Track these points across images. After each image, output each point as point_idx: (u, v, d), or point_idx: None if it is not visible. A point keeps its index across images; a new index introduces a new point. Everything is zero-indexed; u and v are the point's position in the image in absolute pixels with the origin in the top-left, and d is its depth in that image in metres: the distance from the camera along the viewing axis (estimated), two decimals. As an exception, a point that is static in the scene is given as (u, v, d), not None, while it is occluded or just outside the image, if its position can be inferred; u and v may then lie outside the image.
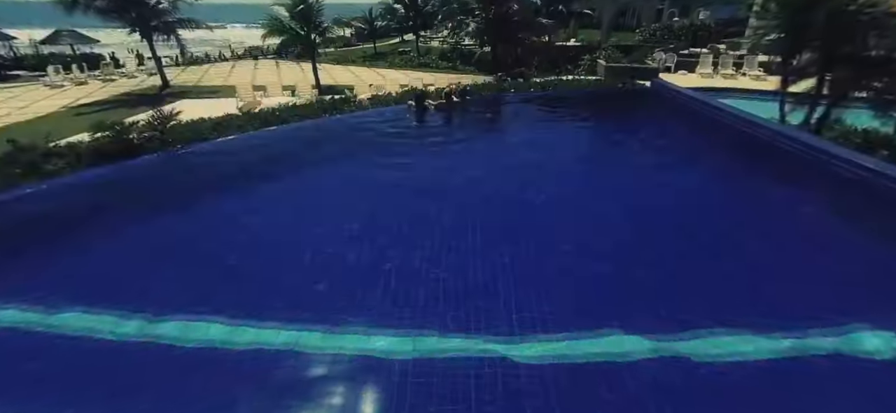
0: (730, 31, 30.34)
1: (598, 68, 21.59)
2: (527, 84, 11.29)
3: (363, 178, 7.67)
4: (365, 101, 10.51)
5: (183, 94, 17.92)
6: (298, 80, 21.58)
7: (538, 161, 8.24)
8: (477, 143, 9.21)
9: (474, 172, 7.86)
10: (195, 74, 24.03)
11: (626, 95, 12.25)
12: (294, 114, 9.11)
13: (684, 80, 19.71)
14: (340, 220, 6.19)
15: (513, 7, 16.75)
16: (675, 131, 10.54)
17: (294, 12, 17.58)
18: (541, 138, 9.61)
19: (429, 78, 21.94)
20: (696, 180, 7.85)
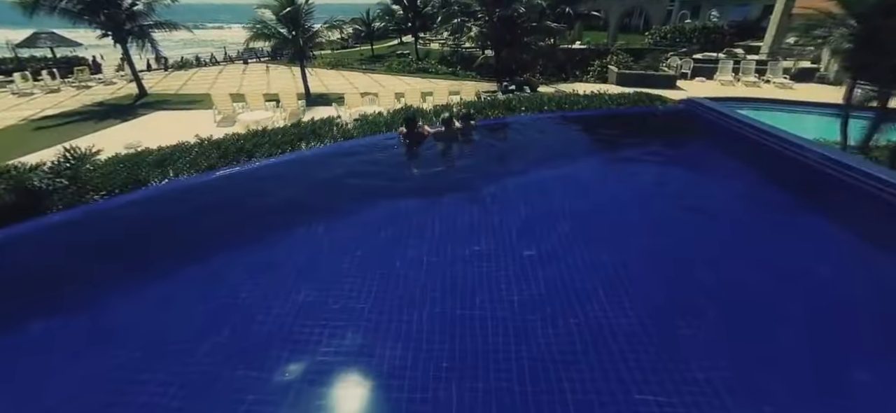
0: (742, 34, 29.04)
1: (608, 75, 20.17)
2: (538, 100, 9.70)
3: (326, 264, 5.22)
4: (350, 123, 8.96)
5: (160, 104, 16.48)
6: (288, 86, 20.18)
7: (570, 221, 5.95)
8: (485, 189, 6.85)
9: (483, 241, 5.43)
10: (179, 80, 22.59)
11: (656, 117, 10.30)
12: (264, 142, 7.54)
13: (703, 88, 18.28)
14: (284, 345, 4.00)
15: (519, 9, 15.24)
16: (729, 169, 8.23)
17: (281, 15, 16.14)
18: (566, 182, 7.31)
19: (427, 85, 20.52)
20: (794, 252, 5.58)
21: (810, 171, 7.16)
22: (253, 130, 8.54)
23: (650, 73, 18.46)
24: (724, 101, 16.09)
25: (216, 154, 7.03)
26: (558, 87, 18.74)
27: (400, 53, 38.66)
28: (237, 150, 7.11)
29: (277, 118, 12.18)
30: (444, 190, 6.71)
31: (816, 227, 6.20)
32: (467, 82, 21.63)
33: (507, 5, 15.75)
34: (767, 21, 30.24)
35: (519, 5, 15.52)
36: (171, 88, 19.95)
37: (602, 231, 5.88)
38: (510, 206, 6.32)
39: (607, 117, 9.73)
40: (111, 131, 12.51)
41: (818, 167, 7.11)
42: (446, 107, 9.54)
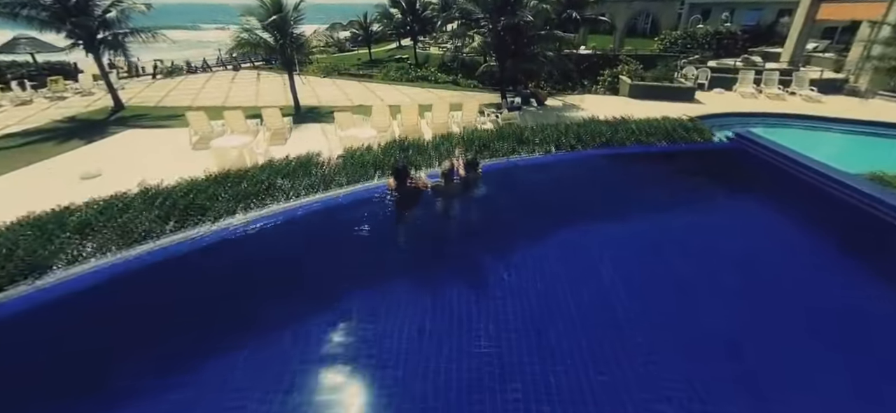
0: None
1: (620, 86, 18.85)
2: (554, 132, 8.32)
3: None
4: (335, 157, 7.61)
5: (135, 120, 15.17)
6: (277, 97, 18.87)
7: (600, 310, 4.50)
8: (497, 265, 5.31)
9: (494, 341, 4.01)
10: (162, 90, 21.26)
11: (700, 156, 8.44)
12: (225, 193, 6.17)
13: (722, 100, 16.98)
14: None
15: (525, 17, 13.91)
16: (794, 227, 6.53)
17: (266, 23, 14.82)
18: (594, 251, 5.63)
19: (426, 96, 19.21)
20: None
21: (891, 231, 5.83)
22: (215, 174, 7.09)
23: (666, 86, 17.15)
24: (748, 116, 14.88)
25: (158, 212, 5.64)
26: (566, 100, 17.45)
27: (398, 58, 37.31)
28: (186, 205, 5.75)
29: (258, 142, 10.88)
30: (445, 270, 5.18)
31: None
32: (469, 92, 20.34)
33: (513, 13, 14.41)
34: (782, 25, 28.98)
35: (525, 13, 14.15)
36: (151, 100, 18.63)
37: (643, 319, 4.58)
38: (527, 287, 4.91)
39: (640, 158, 8.09)
40: (73, 155, 11.21)
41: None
42: (447, 154, 7.70)
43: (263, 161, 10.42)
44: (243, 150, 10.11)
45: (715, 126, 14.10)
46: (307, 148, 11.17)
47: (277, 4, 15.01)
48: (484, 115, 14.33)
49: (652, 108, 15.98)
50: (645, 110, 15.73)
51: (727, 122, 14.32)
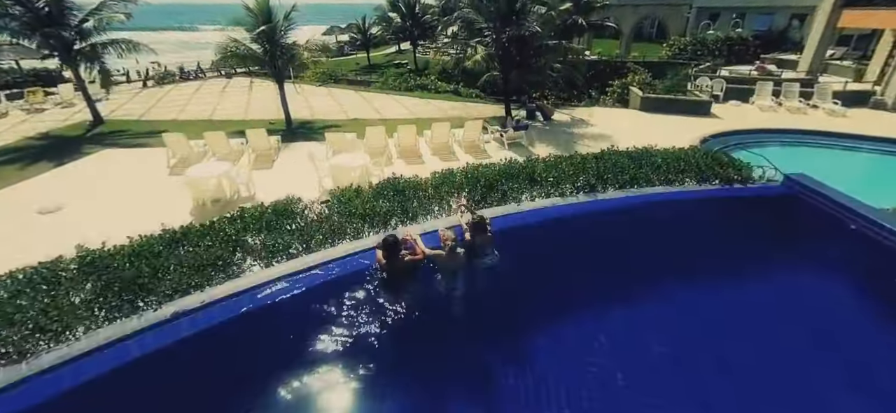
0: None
1: (630, 97, 17.85)
2: (568, 168, 7.26)
3: None
4: (320, 201, 6.57)
5: (114, 137, 14.17)
6: (268, 109, 17.86)
7: None
8: (519, 381, 4.06)
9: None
10: (149, 100, 20.27)
11: (745, 206, 7.16)
12: (181, 262, 5.04)
13: (739, 114, 15.97)
14: None
15: (532, 28, 12.90)
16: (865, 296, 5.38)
17: (255, 34, 13.81)
18: (626, 336, 4.66)
19: (426, 107, 18.20)
20: None
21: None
22: (172, 230, 5.91)
23: (680, 99, 16.14)
24: (771, 133, 13.86)
25: (83, 295, 4.56)
26: (574, 113, 16.43)
27: (397, 64, 36.34)
28: (127, 282, 4.66)
29: (241, 168, 9.86)
30: (447, 379, 4.11)
31: None
32: (470, 103, 19.35)
33: (519, 23, 13.40)
34: (795, 30, 27.96)
35: (532, 23, 13.13)
36: (135, 113, 17.63)
37: None
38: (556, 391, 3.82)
39: (672, 207, 6.85)
40: (36, 182, 10.21)
41: None
42: (448, 195, 6.41)
43: (245, 191, 9.55)
44: (222, 180, 9.10)
45: (736, 144, 13.16)
46: (293, 175, 10.24)
47: (267, 13, 14.02)
48: (487, 131, 13.34)
49: (666, 123, 15.00)
50: (659, 125, 14.79)
51: (748, 140, 13.34)
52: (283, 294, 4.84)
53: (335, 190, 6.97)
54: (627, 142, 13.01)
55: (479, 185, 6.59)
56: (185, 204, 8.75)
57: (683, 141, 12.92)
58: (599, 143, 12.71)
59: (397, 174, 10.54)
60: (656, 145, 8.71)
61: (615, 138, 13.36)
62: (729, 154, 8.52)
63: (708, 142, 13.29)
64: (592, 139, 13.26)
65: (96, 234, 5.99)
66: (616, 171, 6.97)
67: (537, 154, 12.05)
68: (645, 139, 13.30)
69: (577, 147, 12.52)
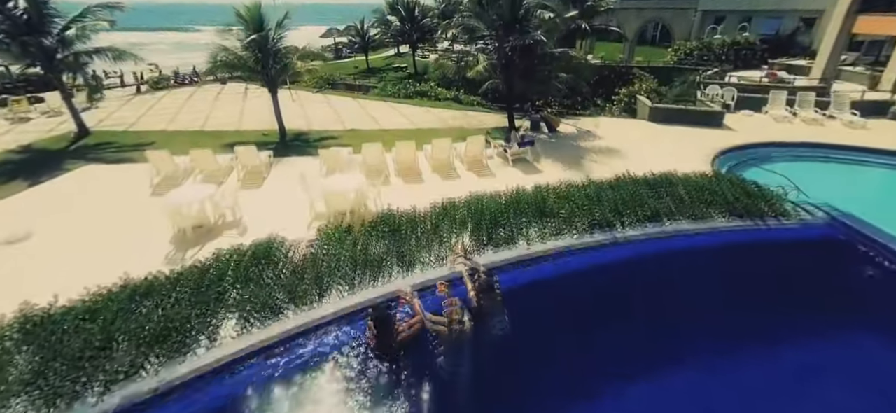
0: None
1: (638, 107, 17.18)
2: (580, 196, 6.55)
3: None
4: (306, 241, 5.85)
5: (99, 151, 13.52)
6: (262, 119, 17.17)
7: None
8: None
9: None
10: (139, 108, 19.61)
11: (782, 251, 6.25)
12: (138, 327, 4.25)
13: (753, 125, 15.30)
14: None
15: (537, 37, 12.26)
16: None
17: (246, 43, 13.14)
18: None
19: (425, 116, 17.47)
20: None
21: None
22: (133, 282, 5.19)
23: (691, 109, 15.47)
24: (788, 147, 13.20)
25: (20, 370, 3.82)
26: (579, 124, 15.76)
27: (397, 67, 35.69)
28: (72, 357, 3.92)
29: (226, 190, 9.18)
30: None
31: None
32: (472, 112, 18.69)
33: (523, 32, 12.74)
34: (805, 35, 27.27)
35: (536, 31, 12.48)
36: (123, 122, 16.96)
37: None
38: None
39: (700, 248, 6.00)
40: (6, 204, 9.55)
41: None
42: (448, 233, 5.67)
43: (231, 216, 8.88)
44: (206, 205, 8.44)
45: (753, 159, 12.52)
46: (284, 197, 9.56)
47: (259, 22, 13.36)
48: (490, 145, 12.67)
49: (677, 135, 14.34)
50: (670, 137, 14.13)
51: (766, 154, 12.70)
52: (260, 372, 4.10)
53: (325, 225, 6.26)
54: (638, 156, 12.41)
55: (484, 221, 5.91)
56: (164, 231, 8.09)
57: (697, 155, 12.34)
58: (609, 160, 12.07)
59: (396, 192, 10.00)
60: (676, 171, 7.96)
61: (625, 152, 12.71)
62: (758, 183, 7.67)
63: (723, 156, 12.67)
64: (602, 155, 12.59)
65: (55, 278, 5.34)
66: (635, 204, 6.27)
67: (543, 171, 11.41)
68: (656, 153, 12.72)
69: (586, 163, 11.87)
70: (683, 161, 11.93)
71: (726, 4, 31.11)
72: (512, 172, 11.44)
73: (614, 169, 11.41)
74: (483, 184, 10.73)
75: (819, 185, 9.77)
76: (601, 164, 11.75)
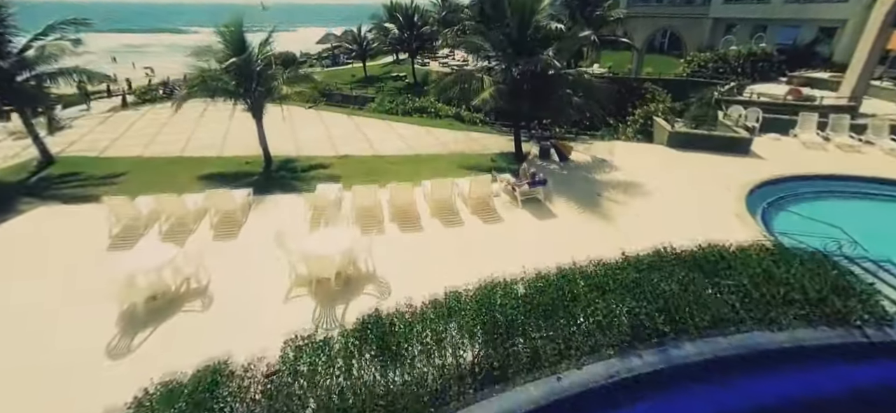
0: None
1: (655, 130, 15.86)
2: (620, 294, 5.11)
3: None
4: (261, 383, 4.37)
5: (60, 184, 12.20)
6: (248, 143, 15.78)
7: None
8: None
9: None
10: (118, 127, 18.28)
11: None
12: None
13: (782, 151, 13.98)
14: None
15: (551, 62, 10.97)
16: None
17: (226, 67, 11.80)
18: None
19: (425, 139, 16.01)
20: None
21: None
22: None
23: (716, 135, 14.13)
24: (827, 180, 11.87)
25: None
26: (592, 150, 14.39)
27: (395, 76, 34.40)
28: None
29: (190, 254, 7.83)
30: None
31: None
32: (475, 133, 17.35)
33: (532, 53, 11.44)
34: (825, 45, 25.90)
35: (547, 52, 11.16)
36: (96, 146, 15.61)
37: None
38: None
39: (785, 380, 4.40)
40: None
41: None
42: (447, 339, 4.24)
43: (195, 281, 7.55)
44: (163, 275, 7.11)
45: (791, 196, 11.21)
46: (261, 253, 8.20)
47: (240, 43, 12.02)
48: (496, 181, 11.34)
49: (701, 165, 13.03)
50: (692, 167, 12.81)
51: (803, 190, 11.38)
52: None
53: (293, 338, 4.89)
54: (662, 194, 11.05)
55: (499, 330, 4.57)
56: (110, 309, 6.75)
57: (727, 192, 11.02)
58: (631, 199, 10.74)
59: (391, 244, 8.67)
60: (726, 242, 6.41)
61: (647, 188, 11.38)
62: (837, 263, 6.08)
63: (758, 191, 11.36)
64: (621, 192, 11.25)
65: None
66: (694, 305, 4.83)
67: (557, 215, 10.10)
68: (681, 189, 11.36)
69: (605, 205, 10.54)
70: (712, 199, 10.66)
71: (739, 12, 29.81)
72: (521, 216, 10.13)
73: (638, 213, 10.10)
74: (489, 233, 9.46)
75: (878, 236, 8.49)
76: (622, 206, 10.42)
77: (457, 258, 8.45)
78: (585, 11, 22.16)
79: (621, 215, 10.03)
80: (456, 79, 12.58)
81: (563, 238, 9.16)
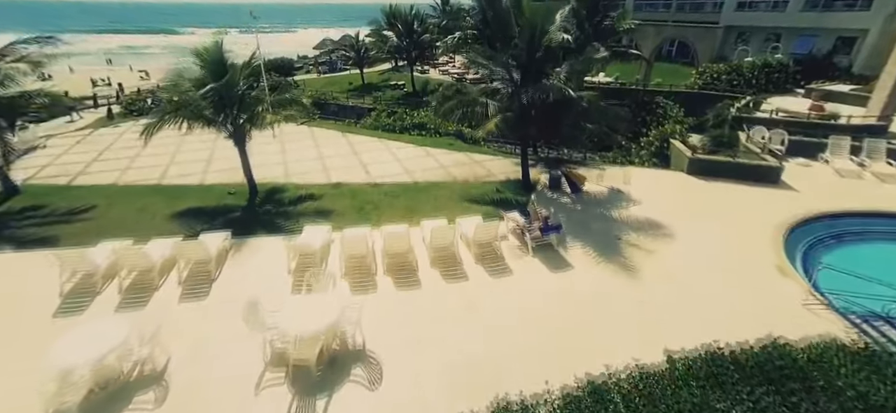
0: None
1: (672, 154, 14.69)
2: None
3: None
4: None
5: (19, 221, 11.04)
6: (231, 170, 14.59)
7: None
8: None
9: None
10: (94, 147, 17.10)
11: None
12: None
13: (815, 180, 12.82)
14: None
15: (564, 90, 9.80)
16: None
17: (204, 95, 10.57)
18: None
19: (424, 162, 14.67)
20: None
21: None
22: None
23: (741, 163, 12.92)
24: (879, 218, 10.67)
25: None
26: (606, 177, 13.15)
27: (394, 84, 33.21)
28: None
29: (145, 335, 6.63)
30: None
31: None
32: (477, 155, 16.13)
33: (542, 75, 10.28)
34: (844, 56, 24.68)
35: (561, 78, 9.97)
36: (68, 172, 14.40)
37: None
38: None
39: None
40: None
41: None
42: None
43: (149, 365, 6.36)
44: (110, 358, 5.92)
45: (833, 235, 10.05)
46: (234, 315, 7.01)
47: (220, 67, 10.84)
48: (504, 221, 10.16)
49: (728, 197, 11.88)
50: (719, 200, 11.63)
51: (848, 230, 10.21)
52: None
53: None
54: (690, 237, 9.78)
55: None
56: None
57: (761, 233, 9.86)
58: (656, 244, 9.56)
59: (384, 304, 7.49)
60: (793, 340, 5.18)
61: (672, 229, 10.21)
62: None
63: (798, 230, 10.20)
64: (644, 235, 10.07)
65: None
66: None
67: (574, 266, 8.92)
68: (709, 231, 10.12)
69: (627, 252, 9.37)
70: (748, 245, 9.48)
71: (751, 20, 28.62)
72: (532, 266, 8.96)
73: (665, 262, 8.91)
74: (497, 288, 8.29)
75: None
76: (646, 255, 9.24)
77: (461, 324, 7.30)
78: (594, 21, 20.94)
79: (646, 266, 8.85)
80: (458, 103, 11.38)
81: (582, 297, 8.00)
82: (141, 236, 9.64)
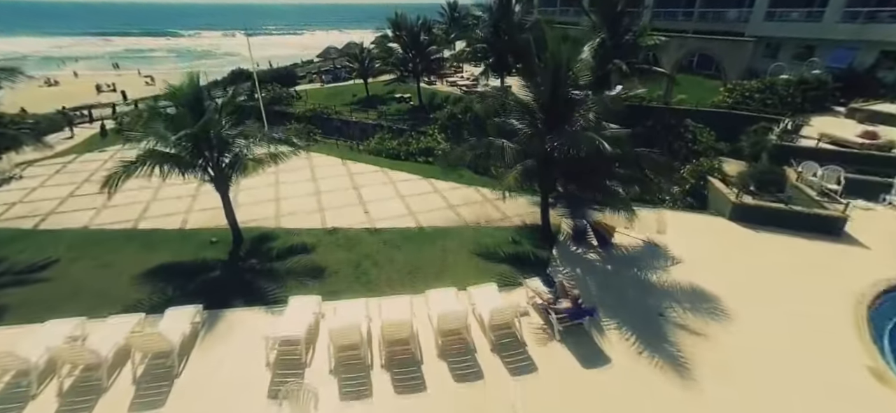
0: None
1: (711, 194, 13.01)
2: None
3: None
4: None
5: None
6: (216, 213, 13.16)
7: None
8: None
9: None
10: (71, 180, 15.80)
11: None
12: None
13: (880, 229, 11.08)
14: None
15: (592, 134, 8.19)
16: None
17: (180, 138, 9.12)
18: None
19: (431, 201, 12.81)
20: None
21: None
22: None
23: (796, 212, 11.19)
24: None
25: None
26: (638, 226, 11.47)
27: (400, 97, 31.75)
28: None
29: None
30: None
31: None
32: (490, 193, 14.45)
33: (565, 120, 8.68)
34: (888, 71, 22.59)
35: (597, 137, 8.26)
36: (38, 211, 13.07)
37: None
38: None
39: None
40: None
41: None
42: None
43: None
44: None
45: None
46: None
47: (198, 105, 9.41)
48: (523, 288, 8.60)
49: (783, 254, 10.19)
50: (776, 259, 9.88)
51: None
52: None
53: None
54: (748, 312, 7.93)
55: None
56: None
57: (835, 308, 8.20)
58: (708, 327, 7.91)
59: (381, 408, 6.01)
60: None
61: (726, 301, 8.59)
62: None
63: (883, 302, 8.51)
64: (691, 309, 8.45)
65: None
66: None
67: (612, 359, 7.32)
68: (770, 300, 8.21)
69: (673, 332, 7.76)
70: (825, 329, 7.79)
71: (782, 30, 26.68)
72: (559, 357, 7.41)
73: (720, 352, 7.24)
74: (519, 388, 6.72)
75: None
76: (700, 342, 7.62)
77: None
78: (614, 38, 19.28)
79: (697, 356, 7.28)
80: (470, 147, 9.85)
81: (622, 403, 6.44)
82: (98, 307, 8.29)
